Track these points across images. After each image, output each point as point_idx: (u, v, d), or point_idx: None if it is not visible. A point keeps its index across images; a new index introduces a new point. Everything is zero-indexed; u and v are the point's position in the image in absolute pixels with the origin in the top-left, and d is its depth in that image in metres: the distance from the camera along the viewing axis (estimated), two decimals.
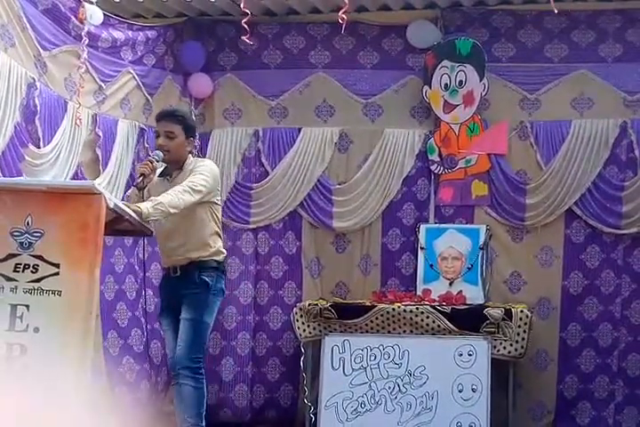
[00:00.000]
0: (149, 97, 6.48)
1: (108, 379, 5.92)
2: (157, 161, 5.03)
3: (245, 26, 5.59)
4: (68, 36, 5.54)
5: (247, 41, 5.76)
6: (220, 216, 5.30)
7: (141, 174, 4.94)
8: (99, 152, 5.95)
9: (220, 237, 5.26)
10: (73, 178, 5.54)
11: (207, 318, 5.10)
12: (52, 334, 3.47)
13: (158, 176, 5.22)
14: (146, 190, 5.08)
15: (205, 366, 6.64)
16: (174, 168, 5.19)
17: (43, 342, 3.47)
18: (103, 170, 5.96)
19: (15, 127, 5.00)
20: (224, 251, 5.28)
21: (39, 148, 5.25)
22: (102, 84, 5.95)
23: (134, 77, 6.31)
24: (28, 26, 5.09)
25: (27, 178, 4.95)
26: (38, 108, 5.21)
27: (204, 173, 5.03)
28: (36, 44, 5.21)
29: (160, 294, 5.46)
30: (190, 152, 5.26)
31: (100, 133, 5.93)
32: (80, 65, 5.60)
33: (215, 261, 5.16)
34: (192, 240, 5.09)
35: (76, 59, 5.60)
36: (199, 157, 6.56)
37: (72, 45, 5.56)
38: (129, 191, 5.37)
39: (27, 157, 5.11)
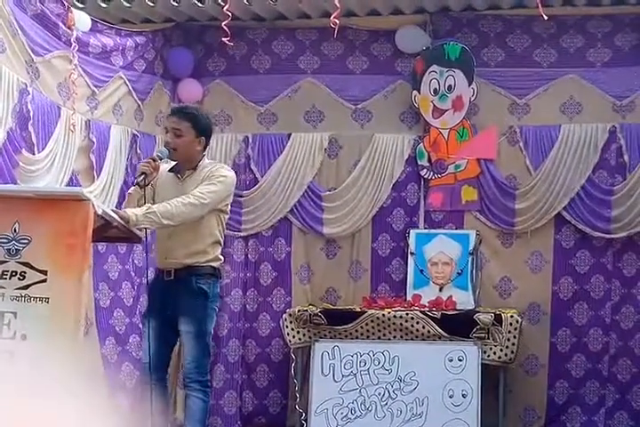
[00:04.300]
0: (140, 102, 6.46)
1: (107, 385, 5.88)
2: (161, 158, 4.90)
3: (226, 28, 5.58)
4: (60, 42, 5.52)
5: (227, 42, 5.74)
6: (225, 225, 5.19)
7: (142, 173, 4.78)
8: (93, 158, 5.92)
9: (220, 245, 5.13)
10: (68, 184, 5.51)
11: (209, 327, 5.02)
12: (40, 341, 3.45)
13: (168, 171, 5.07)
14: (149, 187, 4.89)
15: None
16: (186, 168, 5.04)
17: (30, 349, 3.45)
18: (97, 176, 5.93)
19: (8, 133, 4.97)
20: (221, 258, 5.18)
21: (33, 154, 5.22)
22: (95, 90, 5.94)
23: (125, 83, 6.29)
24: (19, 31, 5.07)
25: (18, 184, 4.93)
26: (31, 114, 5.18)
27: (218, 185, 4.91)
28: (28, 50, 5.19)
29: (150, 295, 5.26)
30: (202, 151, 5.08)
31: (94, 139, 5.91)
32: (72, 71, 5.58)
33: (211, 267, 5.04)
34: (193, 244, 4.96)
35: (68, 64, 5.59)
36: None
37: (64, 51, 5.55)
38: (131, 189, 5.21)
39: (21, 164, 5.08)
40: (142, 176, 4.79)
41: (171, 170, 5.08)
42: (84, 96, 5.83)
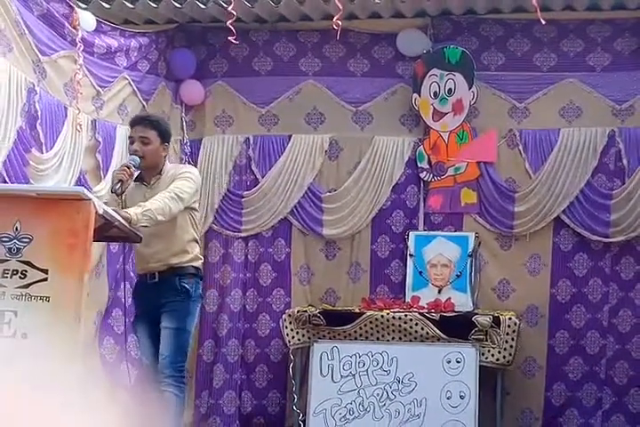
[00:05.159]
0: (145, 103, 6.49)
1: (107, 384, 5.89)
2: (135, 166, 4.99)
3: (231, 27, 5.61)
4: (65, 42, 5.54)
5: (234, 42, 5.77)
6: (198, 222, 5.31)
7: (119, 180, 4.88)
8: (99, 158, 5.95)
9: (197, 243, 5.27)
10: (76, 184, 5.54)
11: (189, 326, 5.11)
12: (40, 339, 3.46)
13: (134, 181, 5.18)
14: (123, 196, 5.05)
15: (198, 374, 6.75)
16: (151, 174, 5.17)
17: (31, 347, 3.46)
18: (104, 176, 5.96)
19: (18, 132, 5.00)
20: (201, 257, 5.30)
21: (42, 153, 5.26)
22: (100, 90, 5.96)
23: (130, 83, 6.32)
24: (26, 31, 5.09)
25: (30, 183, 4.99)
26: (39, 114, 5.20)
27: (188, 180, 5.04)
28: (35, 50, 5.21)
29: (135, 300, 5.41)
30: (165, 157, 5.24)
31: (100, 139, 5.93)
32: (77, 71, 5.61)
33: (193, 267, 5.17)
34: (172, 246, 5.08)
35: (73, 64, 5.61)
36: (190, 164, 6.58)
37: (69, 51, 5.57)
38: (106, 197, 5.32)
39: (31, 163, 5.12)
40: (119, 184, 4.87)
41: (136, 180, 5.17)
42: (89, 96, 5.85)
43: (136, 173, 5.14)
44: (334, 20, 5.50)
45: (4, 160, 4.87)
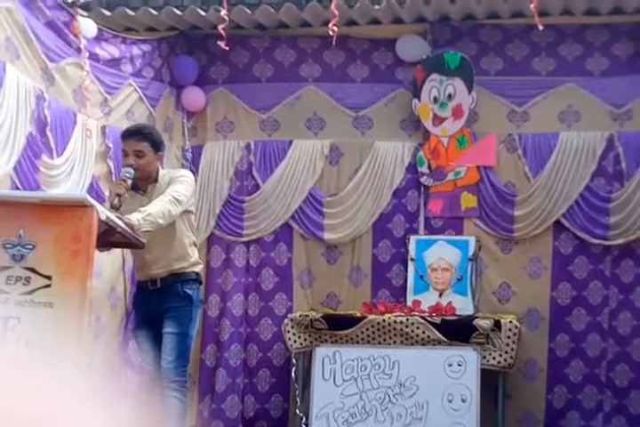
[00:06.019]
0: (152, 109, 6.53)
1: (111, 390, 5.91)
2: (130, 178, 4.99)
3: (222, 32, 5.65)
4: (72, 49, 5.59)
5: (222, 46, 5.80)
6: (194, 225, 5.35)
7: (117, 195, 4.88)
8: (110, 164, 5.98)
9: (196, 246, 5.32)
10: (89, 189, 5.58)
11: (192, 331, 5.17)
12: (44, 346, 3.49)
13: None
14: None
15: (201, 378, 6.77)
16: (147, 182, 5.18)
17: (34, 354, 3.49)
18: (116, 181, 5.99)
19: (28, 139, 5.04)
20: (201, 262, 5.36)
21: (53, 159, 5.30)
22: (107, 96, 6.01)
23: (136, 90, 6.36)
24: (33, 38, 5.14)
25: (42, 190, 5.02)
26: (49, 120, 5.25)
27: (184, 183, 5.08)
28: (43, 57, 5.26)
29: (136, 307, 5.45)
30: (158, 165, 5.25)
31: (111, 145, 5.97)
32: (84, 77, 5.66)
33: (194, 272, 5.23)
34: (173, 251, 5.13)
35: (80, 71, 5.66)
36: (192, 170, 6.61)
37: (76, 57, 5.62)
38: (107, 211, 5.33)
39: (42, 169, 5.15)
40: (117, 198, 4.87)
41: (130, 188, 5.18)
42: (97, 102, 5.90)
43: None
44: (330, 25, 5.54)
45: (15, 166, 4.92)
